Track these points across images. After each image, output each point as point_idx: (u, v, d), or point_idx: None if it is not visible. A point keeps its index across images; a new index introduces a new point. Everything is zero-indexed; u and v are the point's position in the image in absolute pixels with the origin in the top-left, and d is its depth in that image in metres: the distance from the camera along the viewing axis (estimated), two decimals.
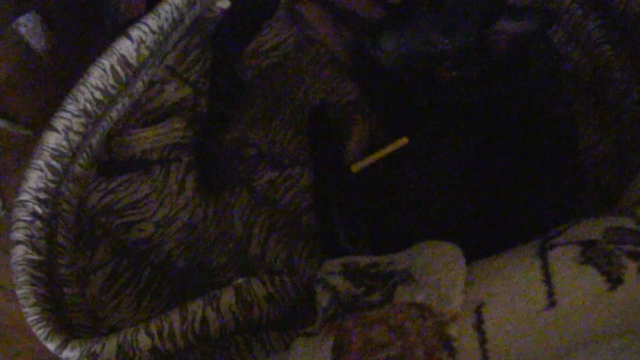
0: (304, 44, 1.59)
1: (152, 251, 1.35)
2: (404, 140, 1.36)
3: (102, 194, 1.35)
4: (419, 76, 1.40)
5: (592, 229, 0.95)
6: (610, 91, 1.50)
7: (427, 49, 1.33)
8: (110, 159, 1.36)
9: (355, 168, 1.39)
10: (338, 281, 0.97)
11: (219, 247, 1.38)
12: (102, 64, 1.18)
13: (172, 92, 1.42)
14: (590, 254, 0.89)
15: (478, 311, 0.86)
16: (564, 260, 0.89)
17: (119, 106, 1.30)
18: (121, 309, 1.29)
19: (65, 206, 1.24)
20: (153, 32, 1.23)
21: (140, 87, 1.33)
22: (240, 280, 1.11)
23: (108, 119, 1.28)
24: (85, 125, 1.20)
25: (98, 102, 1.20)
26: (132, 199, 1.37)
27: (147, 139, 1.37)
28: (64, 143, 1.17)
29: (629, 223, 0.95)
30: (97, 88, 1.19)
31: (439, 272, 0.92)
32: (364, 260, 1.02)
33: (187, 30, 1.39)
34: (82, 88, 1.17)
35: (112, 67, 1.19)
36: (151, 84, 1.39)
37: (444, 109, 1.39)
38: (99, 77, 1.18)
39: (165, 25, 1.25)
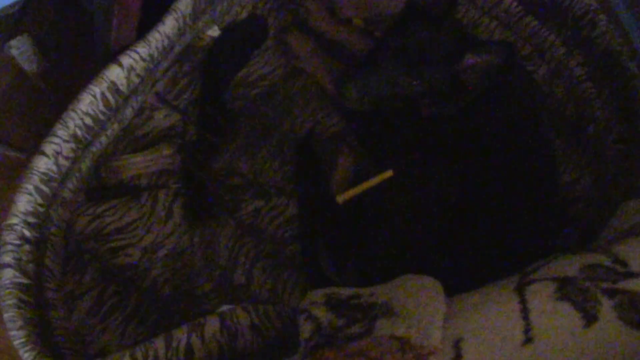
0: (291, 74, 1.62)
1: (139, 277, 1.36)
2: (389, 173, 1.38)
3: (90, 219, 1.36)
4: (399, 114, 1.43)
5: (569, 265, 0.97)
6: (591, 128, 1.53)
7: (396, 92, 1.36)
8: (99, 184, 1.38)
9: (341, 199, 1.41)
10: (321, 312, 0.98)
11: (205, 274, 1.40)
12: (93, 90, 1.20)
13: (161, 119, 1.44)
14: (566, 290, 0.91)
15: (457, 346, 0.88)
16: (541, 296, 0.91)
17: (109, 132, 1.32)
18: (107, 334, 1.30)
19: (53, 230, 1.26)
20: (143, 59, 1.25)
21: (129, 113, 1.35)
22: (225, 308, 1.12)
23: (98, 144, 1.30)
24: (75, 151, 1.22)
25: (88, 128, 1.22)
26: (120, 225, 1.39)
27: (135, 165, 1.39)
28: (54, 168, 1.18)
29: (605, 260, 0.97)
30: (87, 114, 1.21)
31: (419, 306, 0.93)
32: (346, 291, 1.03)
33: (177, 58, 1.42)
34: (72, 114, 1.19)
35: (102, 93, 1.21)
36: (141, 110, 1.41)
37: (426, 143, 1.41)
38: (89, 103, 1.20)
39: (156, 53, 1.27)
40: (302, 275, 1.44)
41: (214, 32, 1.46)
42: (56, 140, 1.17)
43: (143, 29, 1.29)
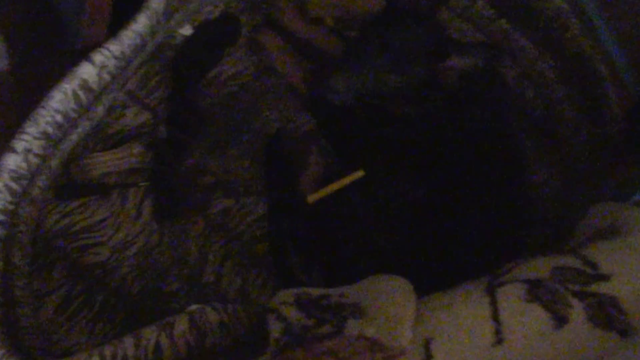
0: (262, 73, 1.61)
1: (107, 275, 1.35)
2: (359, 174, 1.37)
3: (59, 217, 1.35)
4: (371, 112, 1.42)
5: (539, 267, 0.97)
6: (561, 130, 1.53)
7: (377, 88, 1.35)
8: (68, 182, 1.35)
9: (311, 199, 1.39)
10: (290, 312, 0.98)
11: (174, 272, 1.39)
12: (64, 87, 1.19)
13: (132, 117, 1.43)
14: (537, 292, 0.91)
15: (427, 346, 0.88)
16: (511, 297, 0.91)
17: (79, 130, 1.30)
18: (75, 333, 1.29)
19: (22, 228, 1.24)
20: (116, 57, 1.24)
21: (101, 111, 1.33)
22: (194, 307, 1.11)
23: (68, 142, 1.28)
24: (45, 148, 1.20)
25: (58, 125, 1.21)
26: (89, 223, 1.37)
27: (105, 163, 1.37)
28: (23, 165, 1.17)
29: (575, 262, 0.97)
30: (58, 111, 1.19)
31: (389, 306, 0.93)
32: (316, 291, 1.02)
33: (149, 56, 1.40)
34: (43, 111, 1.18)
35: (73, 91, 1.20)
36: (111, 108, 1.39)
37: (396, 144, 1.40)
38: (60, 100, 1.19)
39: (128, 51, 1.26)
40: (271, 274, 1.43)
41: (186, 30, 1.45)
42: (26, 137, 1.16)
43: (114, 27, 1.28)
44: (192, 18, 1.49)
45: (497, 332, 0.87)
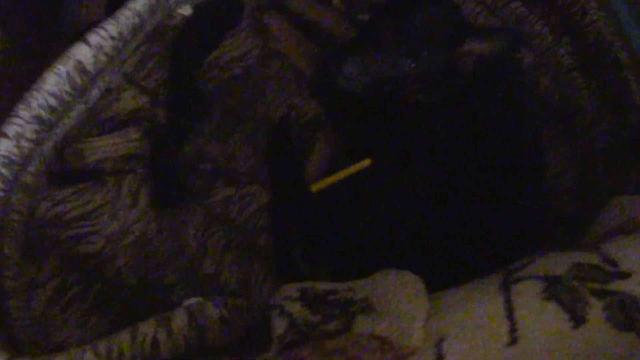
0: (268, 56, 1.59)
1: (102, 266, 1.33)
2: (366, 162, 1.36)
3: (52, 204, 1.33)
4: (383, 99, 1.40)
5: (557, 263, 0.96)
6: (578, 120, 1.52)
7: (392, 73, 1.33)
8: (62, 168, 1.34)
9: (315, 188, 1.39)
10: (295, 307, 0.97)
11: (172, 264, 1.38)
12: (58, 69, 1.16)
13: (129, 101, 1.41)
14: (554, 290, 0.90)
15: (438, 345, 0.87)
16: (527, 295, 0.90)
17: (74, 113, 1.28)
18: (68, 326, 1.27)
19: (13, 216, 1.23)
20: (112, 38, 1.21)
21: (96, 94, 1.32)
22: (193, 301, 1.11)
23: (62, 126, 1.26)
24: (38, 133, 1.18)
25: (52, 109, 1.18)
26: (83, 211, 1.35)
27: (101, 149, 1.36)
28: (15, 150, 1.14)
29: (594, 259, 0.96)
30: (52, 94, 1.17)
31: (400, 303, 0.92)
32: (322, 286, 1.02)
33: (147, 37, 1.39)
34: (36, 94, 1.15)
35: (68, 73, 1.17)
36: (107, 91, 1.37)
37: (408, 132, 1.39)
38: (54, 83, 1.16)
39: (125, 32, 1.23)
40: (273, 267, 1.42)
41: (186, 10, 1.43)
42: (18, 121, 1.14)
43: (112, 7, 1.26)
44: None
45: (512, 331, 0.86)
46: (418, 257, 1.27)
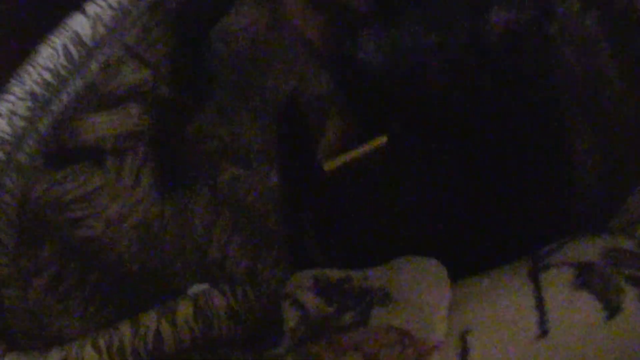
0: (276, 26, 1.51)
1: (102, 252, 1.30)
2: (382, 139, 1.32)
3: (48, 186, 1.28)
4: (405, 74, 1.35)
5: (589, 249, 0.93)
6: (604, 96, 1.48)
7: (413, 47, 1.29)
8: (59, 147, 1.29)
9: (328, 167, 1.35)
10: (308, 297, 0.94)
11: (176, 249, 1.34)
12: (53, 42, 1.14)
13: (130, 74, 1.35)
14: (586, 278, 0.87)
15: (463, 338, 0.84)
16: (557, 284, 0.87)
17: (70, 89, 1.24)
18: (66, 316, 1.24)
19: (7, 198, 1.20)
20: (112, 7, 1.19)
21: (94, 68, 1.27)
22: (198, 289, 1.09)
23: (58, 102, 1.23)
24: (32, 110, 1.16)
25: (47, 84, 1.15)
26: (81, 192, 1.31)
27: (100, 126, 1.31)
28: (8, 129, 1.13)
29: (628, 244, 0.93)
30: (47, 68, 1.14)
31: (420, 293, 0.89)
32: (336, 273, 0.99)
33: (149, 5, 1.34)
34: (30, 68, 1.13)
35: (64, 45, 1.15)
36: (107, 64, 1.32)
37: (429, 108, 1.35)
38: (48, 56, 1.14)
39: (125, 1, 1.21)
40: (284, 252, 1.37)
41: None
42: (11, 98, 1.11)
43: None
44: None
45: (542, 322, 0.83)
46: (439, 242, 1.23)
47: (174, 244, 1.35)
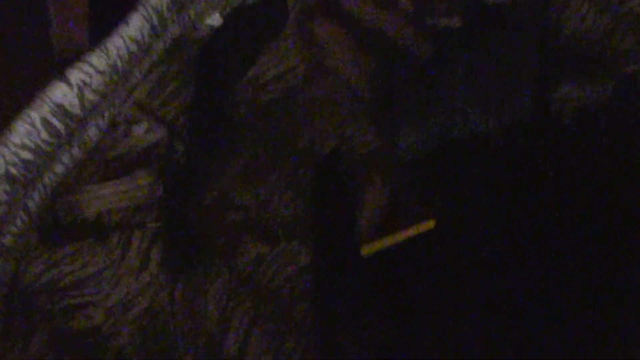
0: (316, 74, 1.38)
1: (101, 345, 1.20)
2: (430, 224, 1.19)
3: (44, 268, 1.18)
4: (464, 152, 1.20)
5: None
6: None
7: (463, 131, 1.13)
8: (55, 223, 1.19)
9: (367, 251, 1.22)
10: None
11: (187, 342, 1.23)
12: (30, 117, 1.01)
13: (142, 135, 1.24)
14: None
15: None
16: None
17: (65, 159, 1.12)
18: None
19: None
20: (101, 72, 1.05)
21: (94, 133, 1.15)
22: None
23: (51, 175, 1.10)
24: (10, 193, 1.03)
25: (27, 163, 1.03)
26: (81, 276, 1.20)
27: (104, 199, 1.21)
28: None
29: None
30: (24, 147, 1.02)
31: None
32: None
33: (162, 55, 1.21)
34: (3, 149, 1.00)
35: (43, 120, 1.02)
36: (113, 125, 1.20)
37: (483, 191, 1.21)
38: (25, 134, 1.01)
39: (120, 63, 1.07)
40: (311, 346, 1.26)
41: (214, 20, 1.25)
42: None
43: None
44: (223, 4, 1.27)
45: None
46: (488, 350, 1.10)
47: (184, 334, 1.24)
